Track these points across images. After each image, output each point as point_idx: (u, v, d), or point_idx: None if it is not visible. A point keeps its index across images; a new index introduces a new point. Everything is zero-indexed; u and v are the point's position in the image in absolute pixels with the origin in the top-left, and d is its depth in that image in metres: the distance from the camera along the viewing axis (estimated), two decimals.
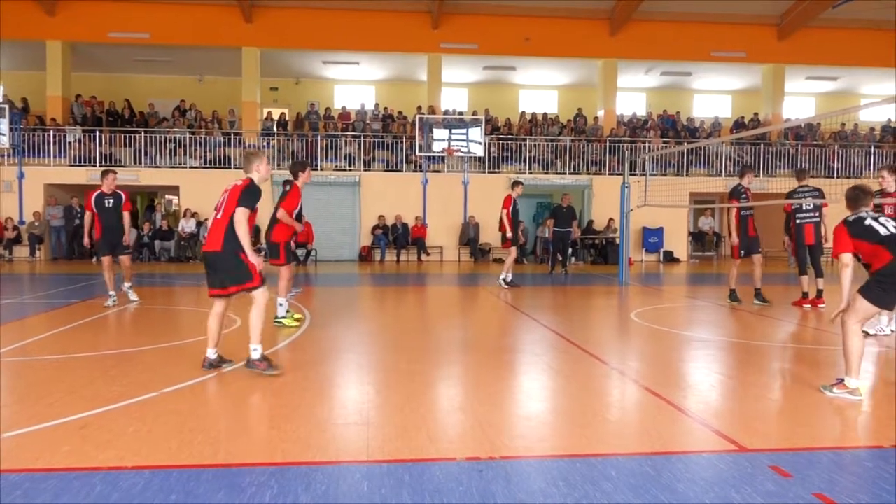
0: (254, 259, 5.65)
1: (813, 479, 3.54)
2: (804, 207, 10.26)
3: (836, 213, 10.32)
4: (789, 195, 10.58)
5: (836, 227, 5.53)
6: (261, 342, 5.73)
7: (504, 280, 13.01)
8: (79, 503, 3.13)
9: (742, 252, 10.65)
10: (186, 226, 20.24)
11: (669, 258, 21.97)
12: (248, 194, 5.69)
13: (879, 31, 23.56)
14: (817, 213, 10.32)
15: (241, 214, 5.57)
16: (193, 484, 3.37)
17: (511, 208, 12.83)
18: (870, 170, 23.25)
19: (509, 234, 12.87)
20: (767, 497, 3.27)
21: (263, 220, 8.28)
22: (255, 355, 5.69)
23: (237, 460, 3.69)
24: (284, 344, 7.04)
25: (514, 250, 13.17)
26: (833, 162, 23.25)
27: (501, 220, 13.00)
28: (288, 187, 8.10)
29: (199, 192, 20.35)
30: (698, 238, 23.59)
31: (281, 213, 7.94)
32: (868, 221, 5.44)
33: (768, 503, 3.21)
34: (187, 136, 21.44)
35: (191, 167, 21.08)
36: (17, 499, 3.17)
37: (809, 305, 10.32)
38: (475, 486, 3.36)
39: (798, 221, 10.30)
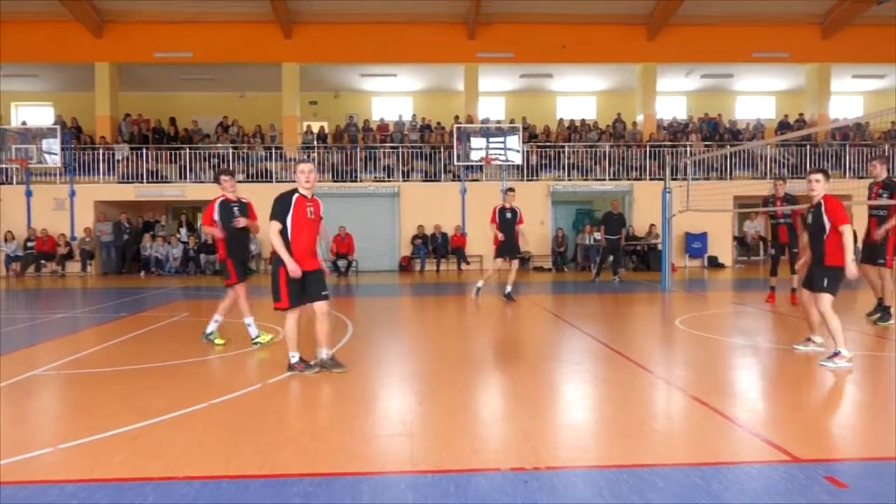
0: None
1: (870, 489, 3.44)
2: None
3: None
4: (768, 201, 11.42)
5: (836, 200, 6.55)
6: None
7: (477, 289, 12.54)
8: None
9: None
10: None
11: (714, 263, 21.56)
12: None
13: None
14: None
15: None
16: (242, 494, 3.42)
17: (499, 218, 12.14)
18: None
19: (513, 237, 12.15)
20: None
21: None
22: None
23: (284, 471, 3.74)
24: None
25: (498, 262, 12.35)
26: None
27: (495, 234, 12.18)
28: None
29: None
30: (743, 243, 23.11)
31: (202, 228, 7.98)
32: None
33: None
34: (230, 151, 21.88)
35: None
36: None
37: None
38: (520, 497, 3.34)
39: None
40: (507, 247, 12.22)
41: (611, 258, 16.74)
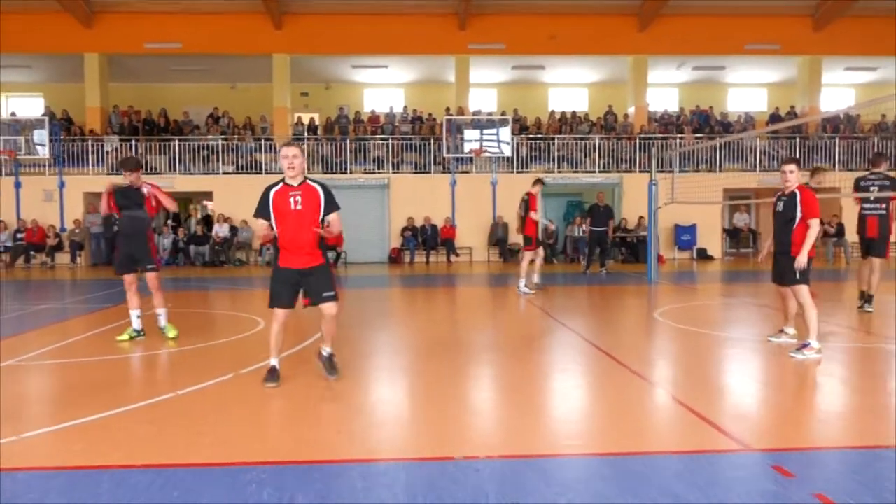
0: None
1: (814, 479, 3.50)
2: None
3: None
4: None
5: (811, 192, 6.57)
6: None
7: (536, 284, 12.24)
8: (84, 501, 3.25)
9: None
10: (220, 230, 20.62)
11: (703, 255, 21.63)
12: None
13: None
14: (884, 205, 9.24)
15: None
16: (197, 482, 3.47)
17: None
18: None
19: (545, 225, 12.16)
20: (766, 497, 3.24)
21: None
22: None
23: (242, 459, 3.78)
24: (305, 345, 7.12)
25: (540, 251, 12.59)
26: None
27: (524, 221, 12.27)
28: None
29: (232, 197, 20.73)
30: (733, 235, 23.17)
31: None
32: None
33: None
34: (220, 142, 21.85)
35: (224, 173, 21.47)
36: (29, 498, 3.31)
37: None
38: (470, 485, 3.39)
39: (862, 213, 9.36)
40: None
41: (598, 250, 16.77)
